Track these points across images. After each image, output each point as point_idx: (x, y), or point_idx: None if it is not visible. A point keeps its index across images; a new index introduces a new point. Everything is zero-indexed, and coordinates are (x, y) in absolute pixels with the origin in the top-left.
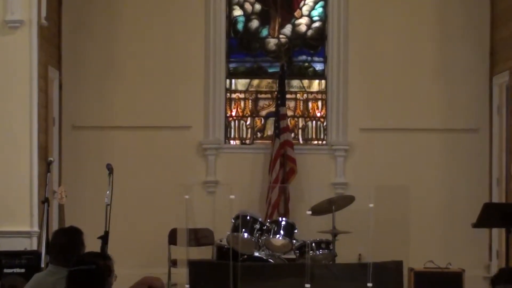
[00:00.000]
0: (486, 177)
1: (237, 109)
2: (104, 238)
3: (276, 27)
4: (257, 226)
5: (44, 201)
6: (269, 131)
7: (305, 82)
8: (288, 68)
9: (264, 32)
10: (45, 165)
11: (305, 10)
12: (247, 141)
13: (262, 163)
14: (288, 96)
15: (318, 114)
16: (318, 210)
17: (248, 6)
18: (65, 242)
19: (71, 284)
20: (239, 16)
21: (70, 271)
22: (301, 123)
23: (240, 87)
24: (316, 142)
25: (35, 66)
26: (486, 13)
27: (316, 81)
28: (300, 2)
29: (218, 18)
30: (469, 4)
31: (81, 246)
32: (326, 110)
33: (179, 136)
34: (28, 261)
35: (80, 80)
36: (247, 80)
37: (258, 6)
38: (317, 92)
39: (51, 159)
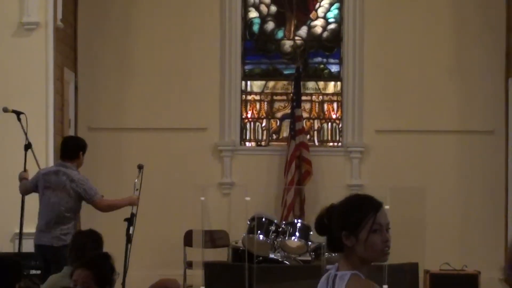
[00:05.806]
0: (502, 178)
1: (252, 111)
2: (130, 220)
3: (292, 29)
4: (273, 228)
5: None
6: (285, 133)
7: (321, 84)
8: (303, 70)
9: (280, 34)
10: None
11: (320, 12)
12: (263, 143)
13: (277, 165)
14: (303, 98)
15: (334, 116)
16: None
17: (263, 8)
18: (84, 245)
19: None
20: (254, 18)
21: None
22: (316, 125)
23: (255, 89)
24: (331, 144)
25: (51, 68)
26: (502, 14)
27: (332, 83)
28: (316, 4)
29: (234, 20)
30: (485, 5)
31: (99, 250)
32: (341, 111)
33: (195, 138)
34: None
35: (96, 82)
36: (263, 82)
37: (273, 8)
38: (332, 94)
39: None
